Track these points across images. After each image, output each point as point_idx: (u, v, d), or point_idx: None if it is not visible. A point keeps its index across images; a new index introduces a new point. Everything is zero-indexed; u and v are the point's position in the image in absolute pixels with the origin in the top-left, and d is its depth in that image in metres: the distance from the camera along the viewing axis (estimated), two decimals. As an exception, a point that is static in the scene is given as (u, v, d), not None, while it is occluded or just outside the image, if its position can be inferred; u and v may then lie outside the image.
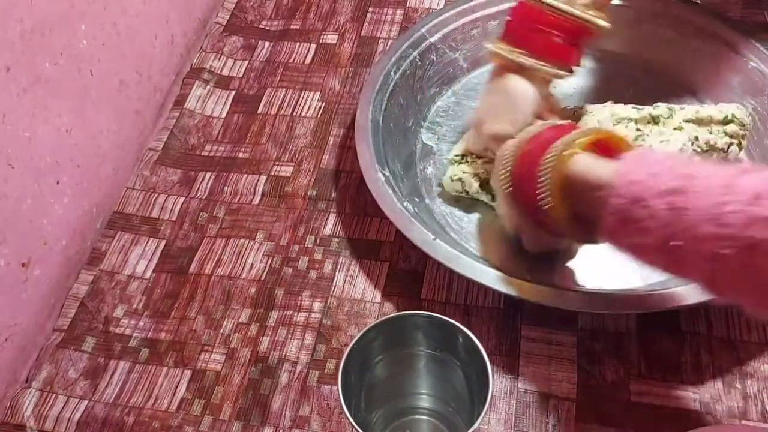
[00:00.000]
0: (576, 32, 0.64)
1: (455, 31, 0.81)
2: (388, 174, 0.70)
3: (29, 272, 0.64)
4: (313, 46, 0.88)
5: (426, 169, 0.76)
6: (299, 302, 0.66)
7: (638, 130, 0.69)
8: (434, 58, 0.81)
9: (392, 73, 0.77)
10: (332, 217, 0.72)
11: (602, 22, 0.64)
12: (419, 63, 0.80)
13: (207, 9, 0.93)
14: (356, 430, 0.47)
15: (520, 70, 0.65)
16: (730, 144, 0.68)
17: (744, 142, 0.69)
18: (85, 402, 0.61)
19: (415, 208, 0.68)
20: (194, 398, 0.61)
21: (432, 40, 0.80)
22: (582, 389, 0.60)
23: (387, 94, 0.76)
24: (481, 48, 0.82)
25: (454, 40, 0.82)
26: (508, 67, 0.66)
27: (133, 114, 0.79)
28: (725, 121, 0.68)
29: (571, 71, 0.66)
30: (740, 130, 0.68)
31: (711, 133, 0.68)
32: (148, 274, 0.69)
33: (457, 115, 0.80)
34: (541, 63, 0.64)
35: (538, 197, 0.55)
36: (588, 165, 0.53)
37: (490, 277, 0.62)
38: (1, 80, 0.59)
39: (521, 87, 0.65)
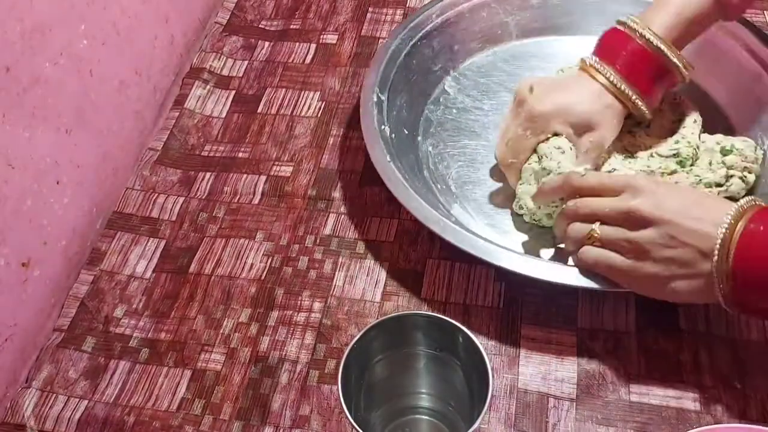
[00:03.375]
0: (663, 73, 0.66)
1: None
2: (383, 99, 0.72)
3: (29, 272, 0.64)
4: (313, 45, 0.88)
5: (434, 113, 0.78)
6: (299, 302, 0.66)
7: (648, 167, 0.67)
8: (485, 15, 0.82)
9: (434, 16, 0.79)
10: (332, 217, 0.72)
11: (685, 70, 0.66)
12: (467, 15, 0.81)
13: (207, 9, 0.93)
14: (356, 430, 0.47)
15: (610, 89, 0.66)
16: (729, 176, 0.66)
17: (750, 177, 0.66)
18: (86, 402, 0.61)
19: (393, 136, 0.71)
20: (194, 398, 0.61)
21: None
22: (582, 389, 0.60)
23: (421, 33, 0.78)
24: (536, 19, 0.83)
25: (511, 4, 0.82)
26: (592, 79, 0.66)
27: (132, 114, 0.79)
28: (724, 152, 0.66)
29: (648, 115, 0.67)
30: (741, 161, 0.66)
31: (711, 165, 0.66)
32: (148, 274, 0.69)
33: (490, 74, 0.81)
34: (635, 91, 0.65)
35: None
36: None
37: (429, 215, 0.63)
38: (1, 80, 0.59)
39: (610, 101, 0.66)
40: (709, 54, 0.75)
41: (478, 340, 0.50)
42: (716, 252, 0.52)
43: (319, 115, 0.81)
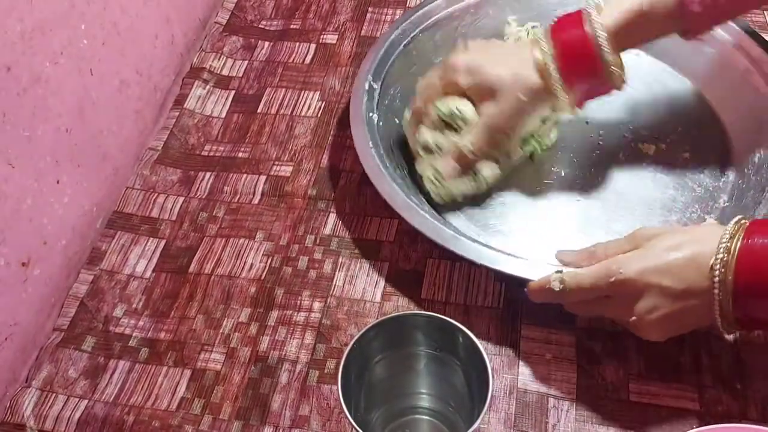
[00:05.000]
0: (593, 72, 0.64)
1: None
2: (375, 87, 0.74)
3: (29, 272, 0.64)
4: (313, 45, 0.88)
5: None
6: (299, 302, 0.66)
7: None
8: (490, 12, 0.82)
9: (439, 9, 0.80)
10: (332, 217, 0.72)
11: (620, 83, 0.65)
12: (473, 11, 0.81)
13: (207, 9, 0.93)
14: (356, 430, 0.47)
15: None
16: None
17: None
18: (85, 401, 0.61)
19: (381, 124, 0.73)
20: (194, 398, 0.61)
21: None
22: (582, 389, 0.60)
23: (424, 25, 0.79)
24: (539, 18, 0.82)
25: (518, 2, 0.82)
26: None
27: (133, 114, 0.79)
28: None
29: (570, 110, 0.67)
30: None
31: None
32: (147, 274, 0.69)
33: None
34: (562, 86, 0.64)
35: None
36: None
37: (398, 200, 0.65)
38: (1, 80, 0.59)
39: (534, 78, 0.64)
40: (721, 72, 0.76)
41: (478, 340, 0.50)
42: (716, 276, 0.52)
43: (319, 114, 0.81)
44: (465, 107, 0.67)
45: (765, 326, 0.56)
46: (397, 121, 0.75)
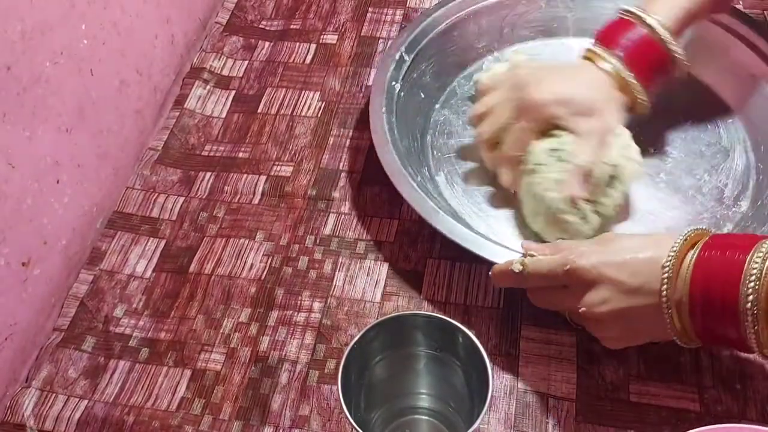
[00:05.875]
0: (664, 65, 0.66)
1: None
2: (407, 59, 0.74)
3: (29, 272, 0.64)
4: (313, 45, 0.88)
5: (462, 87, 0.79)
6: (299, 302, 0.66)
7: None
8: (542, 5, 0.80)
9: None
10: (332, 217, 0.72)
11: (686, 67, 0.66)
12: (524, 2, 0.80)
13: (207, 9, 0.93)
14: (356, 430, 0.47)
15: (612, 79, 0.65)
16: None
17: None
18: (85, 401, 0.61)
19: (402, 94, 0.72)
20: (194, 398, 0.61)
21: None
22: (581, 389, 0.60)
23: (471, 9, 0.79)
24: (596, 20, 0.77)
25: (573, 0, 0.81)
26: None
27: (133, 114, 0.79)
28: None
29: (648, 108, 0.67)
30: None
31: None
32: (148, 274, 0.69)
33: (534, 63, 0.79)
34: (638, 83, 0.65)
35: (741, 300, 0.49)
36: None
37: (395, 171, 0.65)
38: (1, 80, 0.59)
39: (613, 93, 0.65)
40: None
41: (478, 340, 0.50)
42: (666, 274, 0.51)
43: (319, 115, 0.81)
44: (565, 139, 0.64)
45: (725, 342, 0.54)
46: (423, 96, 0.76)
